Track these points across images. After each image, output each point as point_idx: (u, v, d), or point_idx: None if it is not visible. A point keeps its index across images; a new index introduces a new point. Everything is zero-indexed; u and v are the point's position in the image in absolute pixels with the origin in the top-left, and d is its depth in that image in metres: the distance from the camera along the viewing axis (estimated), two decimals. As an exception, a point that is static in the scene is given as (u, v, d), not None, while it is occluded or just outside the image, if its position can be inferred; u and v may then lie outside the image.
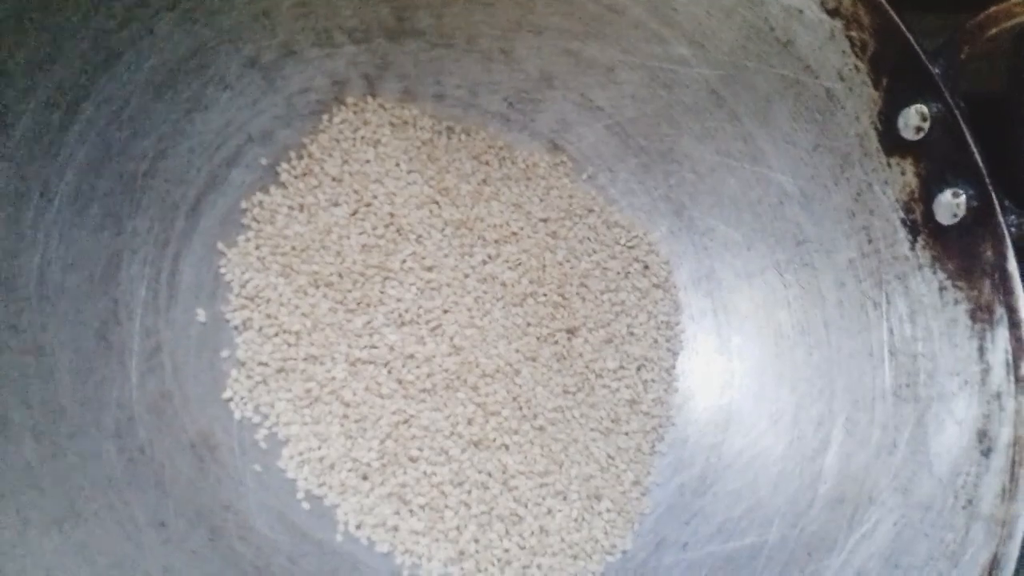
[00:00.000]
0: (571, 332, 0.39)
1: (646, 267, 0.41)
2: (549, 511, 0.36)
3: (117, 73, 0.31)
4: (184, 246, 0.34)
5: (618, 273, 0.40)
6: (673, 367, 0.40)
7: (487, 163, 0.40)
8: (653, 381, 0.39)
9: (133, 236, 0.32)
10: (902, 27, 0.36)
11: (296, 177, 0.37)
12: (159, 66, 0.32)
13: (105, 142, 0.30)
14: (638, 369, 0.39)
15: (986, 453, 0.32)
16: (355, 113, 0.38)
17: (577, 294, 0.39)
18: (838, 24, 0.36)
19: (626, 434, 0.38)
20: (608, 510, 0.36)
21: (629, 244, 0.41)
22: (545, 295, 0.38)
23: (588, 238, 0.40)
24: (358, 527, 0.34)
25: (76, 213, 0.29)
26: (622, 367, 0.39)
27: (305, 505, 0.34)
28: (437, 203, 0.38)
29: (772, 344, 0.38)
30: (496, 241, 0.39)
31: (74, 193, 0.29)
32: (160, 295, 0.33)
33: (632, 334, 0.40)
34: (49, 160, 0.28)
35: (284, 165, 0.37)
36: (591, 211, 0.41)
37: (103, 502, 0.27)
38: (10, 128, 0.27)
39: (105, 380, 0.30)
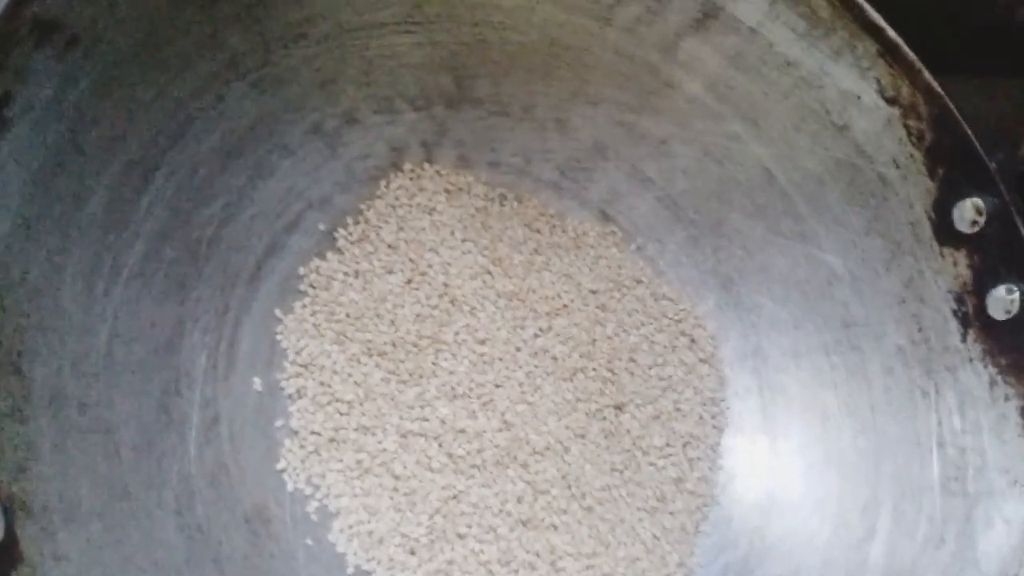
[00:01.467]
0: (619, 408, 0.39)
1: (693, 341, 0.41)
2: (596, 593, 0.36)
3: (187, 143, 0.31)
4: (243, 313, 0.34)
5: (665, 347, 0.40)
6: (718, 444, 0.40)
7: (538, 231, 0.40)
8: (699, 459, 0.39)
9: (196, 304, 0.32)
10: (960, 120, 0.36)
11: (352, 243, 0.37)
12: (226, 135, 0.32)
13: (173, 211, 0.31)
14: (684, 446, 0.39)
15: (1036, 555, 0.33)
16: (412, 179, 0.38)
17: (626, 369, 0.39)
18: (895, 112, 0.36)
19: (671, 513, 0.38)
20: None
21: (676, 317, 0.41)
22: (595, 370, 0.39)
23: (636, 310, 0.40)
24: None
25: (143, 285, 0.30)
26: (668, 444, 0.39)
27: (356, 580, 0.34)
28: (490, 273, 0.38)
29: (818, 425, 0.39)
30: (547, 314, 0.39)
31: (142, 263, 0.29)
32: (219, 364, 0.33)
33: (679, 410, 0.40)
34: (120, 233, 0.29)
35: (341, 231, 0.37)
36: (639, 282, 0.41)
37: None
38: (85, 204, 0.27)
39: (166, 455, 0.30)
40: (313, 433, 0.35)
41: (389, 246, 0.38)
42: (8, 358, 0.24)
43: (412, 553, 0.34)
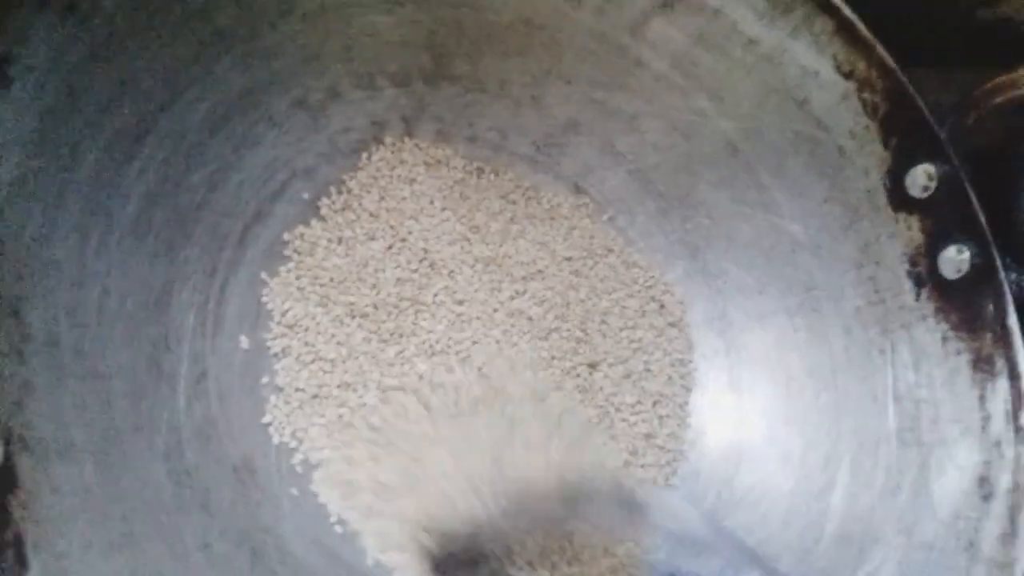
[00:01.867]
0: (592, 366, 0.40)
1: (662, 306, 0.43)
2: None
3: (177, 111, 0.32)
4: (231, 275, 0.35)
5: (635, 311, 0.42)
6: (686, 403, 0.42)
7: (514, 202, 0.42)
8: (668, 416, 0.41)
9: (185, 265, 0.33)
10: (912, 91, 0.38)
11: (336, 212, 0.39)
12: (215, 104, 0.34)
13: (164, 175, 0.32)
14: (654, 404, 0.41)
15: (986, 498, 0.34)
16: (392, 152, 0.40)
17: (598, 331, 0.41)
18: (852, 86, 0.38)
19: (642, 467, 0.39)
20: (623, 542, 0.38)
21: (646, 284, 0.43)
22: (568, 330, 0.40)
23: (608, 277, 0.42)
24: (383, 551, 0.35)
25: (135, 243, 0.31)
26: (639, 402, 0.40)
27: (338, 529, 0.35)
28: (468, 240, 0.40)
29: (782, 385, 0.40)
30: (523, 278, 0.40)
31: (133, 223, 0.31)
32: (207, 322, 0.34)
33: (649, 370, 0.41)
34: (113, 192, 0.30)
35: (325, 200, 0.39)
36: (611, 251, 0.43)
37: (154, 525, 0.28)
38: (80, 163, 0.29)
39: (156, 404, 0.31)
40: (297, 390, 0.36)
41: (371, 214, 0.39)
42: (7, 302, 0.25)
43: (387, 500, 0.36)
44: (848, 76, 0.38)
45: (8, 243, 0.25)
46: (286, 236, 0.38)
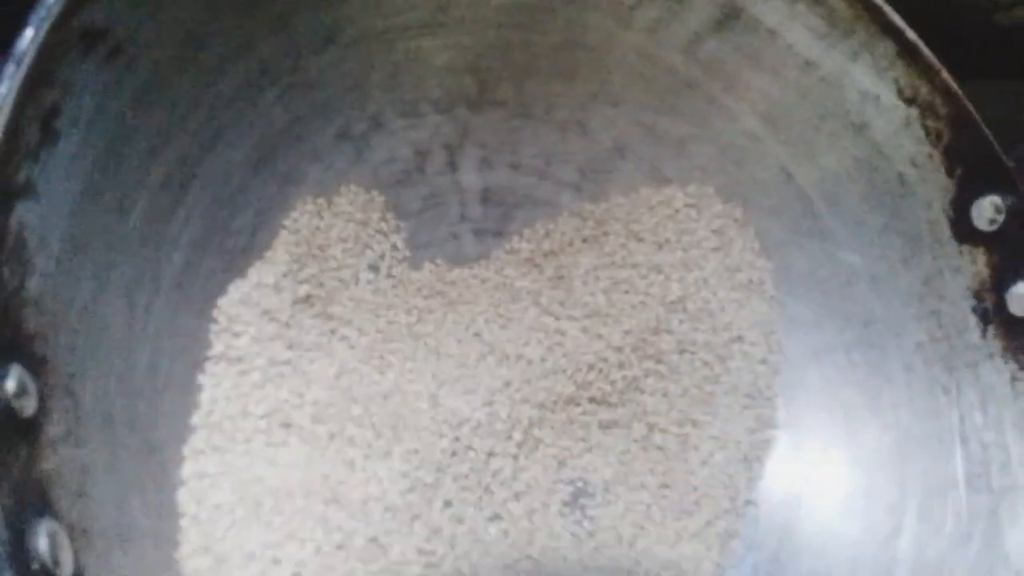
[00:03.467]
0: None
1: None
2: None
3: (221, 152, 0.31)
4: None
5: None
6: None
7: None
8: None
9: (228, 318, 0.32)
10: (978, 120, 0.37)
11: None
12: (258, 142, 0.32)
13: (209, 221, 0.30)
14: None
15: (1065, 550, 0.33)
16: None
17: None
18: (914, 112, 0.37)
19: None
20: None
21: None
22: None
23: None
24: None
25: (180, 298, 0.29)
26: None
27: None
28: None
29: (841, 423, 0.39)
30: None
31: (179, 276, 0.29)
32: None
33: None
34: (160, 244, 0.28)
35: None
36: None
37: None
38: (128, 217, 0.27)
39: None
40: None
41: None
42: (60, 380, 0.23)
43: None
44: (910, 102, 0.37)
45: (60, 314, 0.23)
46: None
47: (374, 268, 0.37)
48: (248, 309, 0.32)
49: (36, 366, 0.22)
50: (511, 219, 0.40)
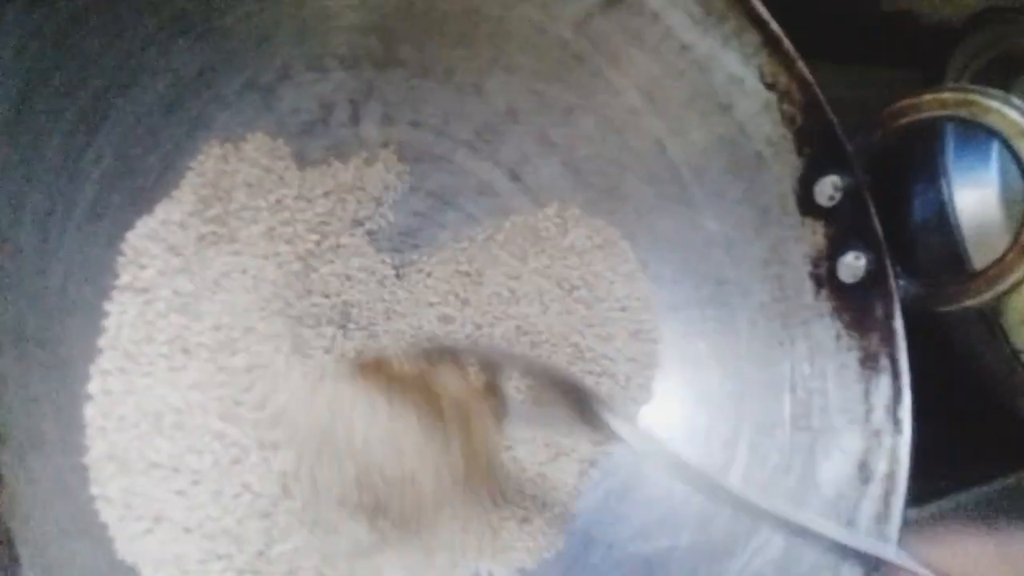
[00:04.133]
0: None
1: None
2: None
3: (134, 93, 0.33)
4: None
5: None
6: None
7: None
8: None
9: (134, 251, 0.34)
10: (826, 106, 0.41)
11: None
12: (170, 86, 0.34)
13: (120, 160, 0.32)
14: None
15: (865, 481, 0.39)
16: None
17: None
18: (773, 97, 0.41)
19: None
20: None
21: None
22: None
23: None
24: None
25: (91, 231, 0.31)
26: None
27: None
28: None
29: (691, 370, 0.44)
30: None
31: (90, 209, 0.31)
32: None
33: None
34: (72, 178, 0.30)
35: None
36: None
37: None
38: (42, 149, 0.29)
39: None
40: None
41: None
42: (-24, 298, 0.26)
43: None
44: (771, 87, 0.41)
45: (-22, 238, 0.26)
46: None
47: (273, 211, 0.40)
48: (154, 244, 0.34)
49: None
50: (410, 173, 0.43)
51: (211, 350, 0.35)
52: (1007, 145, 0.40)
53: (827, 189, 0.41)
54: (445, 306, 0.43)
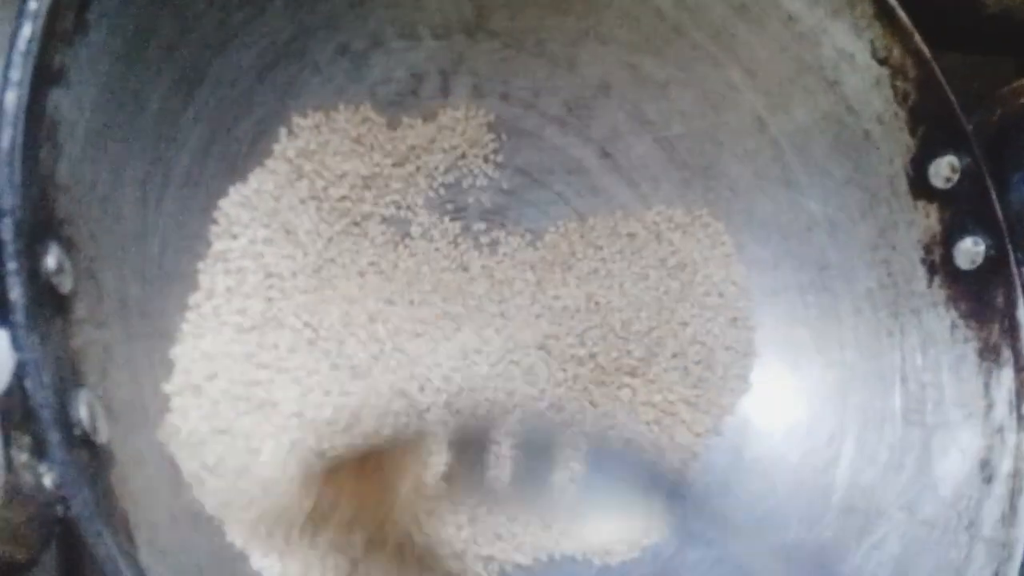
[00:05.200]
0: None
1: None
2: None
3: (230, 56, 0.31)
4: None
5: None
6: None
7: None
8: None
9: (228, 221, 0.33)
10: (944, 83, 0.39)
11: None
12: (264, 50, 0.33)
13: (215, 125, 0.31)
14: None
15: (987, 481, 0.36)
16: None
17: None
18: (885, 72, 0.39)
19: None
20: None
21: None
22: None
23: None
24: None
25: (187, 197, 0.30)
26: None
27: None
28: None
29: (791, 359, 0.42)
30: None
31: (186, 176, 0.30)
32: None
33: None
34: (170, 142, 0.29)
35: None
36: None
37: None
38: (143, 110, 0.27)
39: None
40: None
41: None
42: (85, 263, 0.24)
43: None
44: (883, 62, 0.39)
45: (83, 200, 0.24)
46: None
47: (364, 184, 0.38)
48: (247, 212, 0.33)
49: (68, 247, 0.23)
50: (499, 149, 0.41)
51: (303, 325, 0.34)
52: None
53: (943, 170, 0.39)
54: (533, 289, 0.41)
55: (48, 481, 0.19)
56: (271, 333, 0.32)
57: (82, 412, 0.21)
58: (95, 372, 0.23)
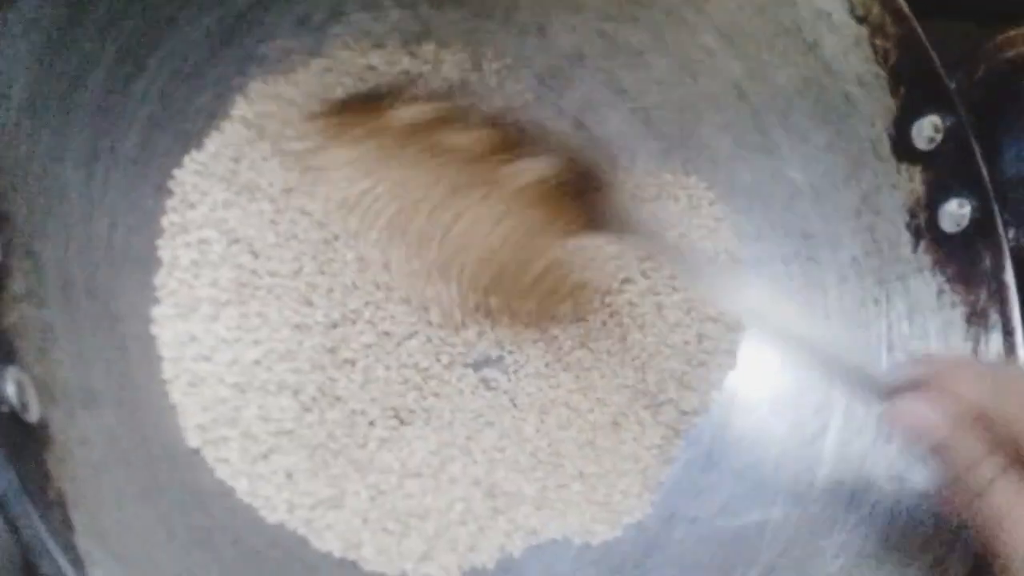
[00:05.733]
0: None
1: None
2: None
3: (180, 27, 0.30)
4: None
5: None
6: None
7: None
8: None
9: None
10: (924, 41, 0.38)
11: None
12: (219, 21, 0.31)
13: (166, 100, 0.30)
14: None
15: (977, 448, 0.36)
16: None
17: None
18: (864, 31, 0.38)
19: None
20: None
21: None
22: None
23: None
24: None
25: (137, 174, 0.29)
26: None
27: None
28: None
29: (776, 331, 0.41)
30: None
31: (136, 152, 0.29)
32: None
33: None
34: (117, 117, 0.28)
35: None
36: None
37: (175, 470, 0.27)
38: (84, 85, 0.26)
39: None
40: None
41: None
42: (21, 239, 0.23)
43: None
44: (861, 20, 0.37)
45: (19, 173, 0.23)
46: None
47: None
48: (204, 179, 0.32)
49: (-1, 223, 0.22)
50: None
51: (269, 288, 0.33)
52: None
53: (926, 131, 0.37)
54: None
55: (-33, 460, 0.18)
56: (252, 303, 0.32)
57: (10, 390, 0.20)
58: (31, 350, 0.22)
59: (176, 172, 0.31)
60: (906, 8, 0.37)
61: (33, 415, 0.21)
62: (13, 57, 0.23)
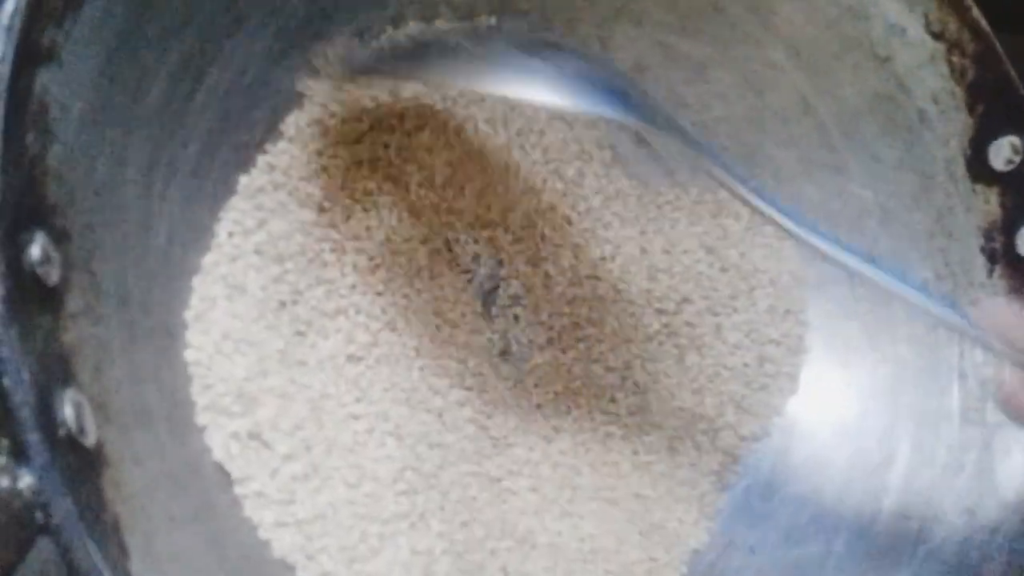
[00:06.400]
0: None
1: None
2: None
3: (241, 39, 0.29)
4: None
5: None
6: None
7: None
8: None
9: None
10: (1004, 58, 0.36)
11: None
12: (278, 33, 0.31)
13: (225, 111, 0.29)
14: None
15: (1055, 483, 0.34)
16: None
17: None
18: (940, 47, 0.36)
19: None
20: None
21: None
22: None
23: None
24: None
25: (195, 187, 0.28)
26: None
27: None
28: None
29: (839, 354, 0.39)
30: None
31: (195, 165, 0.28)
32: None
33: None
34: (176, 129, 0.27)
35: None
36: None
37: (225, 495, 0.27)
38: (145, 97, 0.26)
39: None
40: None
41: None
42: (80, 255, 0.23)
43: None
44: (938, 36, 0.36)
45: (78, 188, 0.23)
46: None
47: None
48: (262, 198, 0.31)
49: (58, 237, 0.22)
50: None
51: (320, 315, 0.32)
52: None
53: (1005, 151, 0.36)
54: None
55: (24, 485, 0.18)
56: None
57: (67, 412, 0.20)
58: (88, 370, 0.22)
59: (238, 182, 0.30)
60: (984, 24, 0.35)
61: (90, 438, 0.20)
62: (75, 70, 0.23)
